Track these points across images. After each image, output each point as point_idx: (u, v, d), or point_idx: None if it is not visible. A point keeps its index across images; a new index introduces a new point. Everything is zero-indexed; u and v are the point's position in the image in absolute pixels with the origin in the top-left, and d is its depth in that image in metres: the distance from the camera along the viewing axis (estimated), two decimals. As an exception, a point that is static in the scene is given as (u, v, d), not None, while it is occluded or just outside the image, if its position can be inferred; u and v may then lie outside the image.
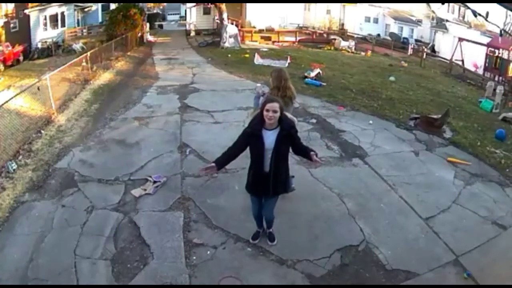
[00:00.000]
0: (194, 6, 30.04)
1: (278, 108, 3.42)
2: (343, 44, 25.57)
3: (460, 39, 20.69)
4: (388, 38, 28.38)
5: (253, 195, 3.95)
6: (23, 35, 22.04)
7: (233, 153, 3.76)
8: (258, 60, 15.95)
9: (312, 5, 31.55)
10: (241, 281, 3.72)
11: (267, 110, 3.41)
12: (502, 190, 5.50)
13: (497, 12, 6.47)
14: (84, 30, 28.34)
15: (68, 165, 5.96)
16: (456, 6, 26.06)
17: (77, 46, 21.84)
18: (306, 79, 11.83)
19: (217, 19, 26.21)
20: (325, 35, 28.91)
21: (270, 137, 3.53)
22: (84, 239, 4.26)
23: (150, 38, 26.18)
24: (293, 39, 26.82)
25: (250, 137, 3.62)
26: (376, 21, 30.67)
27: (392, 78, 13.77)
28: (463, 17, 25.88)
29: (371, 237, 4.33)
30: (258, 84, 5.02)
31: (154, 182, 5.36)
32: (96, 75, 12.51)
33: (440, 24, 26.98)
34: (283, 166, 3.73)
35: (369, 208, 4.88)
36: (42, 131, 7.29)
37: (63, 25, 25.89)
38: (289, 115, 3.83)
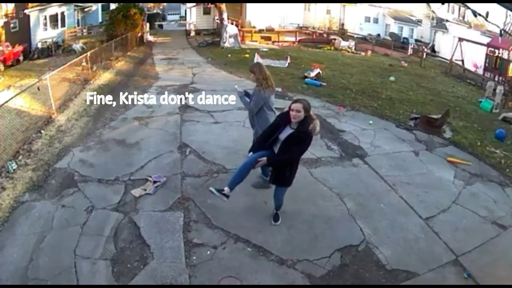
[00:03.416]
0: (194, 6, 30.01)
1: (301, 109, 3.77)
2: (343, 44, 25.54)
3: (460, 39, 20.68)
4: (388, 38, 28.33)
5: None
6: (23, 35, 22.02)
7: (267, 135, 4.09)
8: (258, 60, 15.91)
9: (312, 5, 31.52)
10: (241, 281, 3.72)
11: (292, 110, 3.81)
12: (502, 190, 5.51)
13: (497, 12, 6.47)
14: (84, 30, 28.30)
15: (68, 165, 5.96)
16: (456, 6, 26.04)
17: (77, 46, 21.82)
18: (306, 79, 11.83)
19: (217, 19, 26.21)
20: (325, 35, 28.87)
21: (287, 132, 3.91)
22: (84, 239, 4.26)
23: (150, 38, 26.15)
24: (293, 39, 26.78)
25: (276, 125, 4.02)
26: (376, 21, 30.62)
27: (392, 78, 13.77)
28: (463, 17, 25.85)
29: (371, 237, 4.33)
30: (236, 86, 5.00)
31: (154, 182, 5.36)
32: (96, 75, 12.51)
33: (440, 24, 26.96)
34: (286, 164, 3.99)
35: (369, 208, 4.88)
36: (42, 131, 7.28)
37: (63, 25, 25.87)
38: (316, 122, 3.88)
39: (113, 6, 28.37)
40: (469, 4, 7.68)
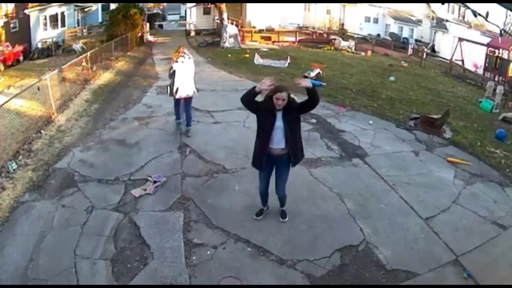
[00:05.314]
0: (194, 6, 30.03)
1: (286, 97, 3.87)
2: (343, 44, 25.54)
3: (460, 39, 20.67)
4: (388, 38, 28.34)
5: (263, 170, 4.28)
6: (23, 35, 22.02)
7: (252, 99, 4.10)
8: (258, 60, 15.95)
9: (312, 5, 31.55)
10: (241, 281, 3.72)
11: (277, 99, 3.88)
12: (502, 190, 5.51)
13: (497, 12, 6.46)
14: (84, 30, 28.34)
15: (68, 165, 5.96)
16: (456, 6, 26.05)
17: (77, 46, 21.81)
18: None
19: (217, 19, 26.21)
20: (325, 35, 28.88)
21: (280, 117, 3.98)
22: (84, 239, 4.26)
23: (150, 38, 26.19)
24: (293, 39, 26.78)
25: (264, 111, 4.02)
26: (376, 21, 30.64)
27: (392, 78, 13.78)
28: (463, 17, 25.87)
29: (371, 237, 4.33)
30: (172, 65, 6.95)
31: (154, 182, 5.36)
32: (96, 75, 12.51)
33: (440, 24, 26.97)
34: (295, 139, 4.10)
35: (369, 208, 4.88)
36: (42, 131, 7.29)
37: (63, 25, 25.89)
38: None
39: (113, 6, 28.41)
40: (469, 4, 7.64)
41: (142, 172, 5.71)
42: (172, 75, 6.73)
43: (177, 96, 6.83)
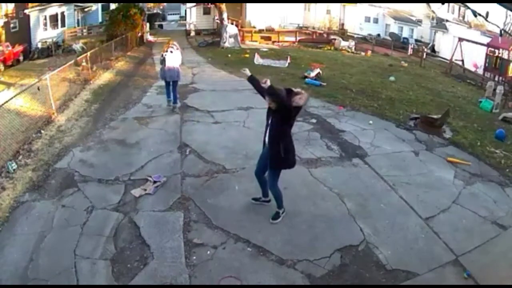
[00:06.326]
0: (194, 6, 30.04)
1: (271, 101, 4.10)
2: (343, 44, 25.54)
3: (460, 39, 20.66)
4: (388, 38, 28.34)
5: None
6: (23, 35, 22.03)
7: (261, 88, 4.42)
8: (258, 60, 15.95)
9: (312, 5, 31.54)
10: (241, 281, 3.72)
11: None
12: (502, 190, 5.51)
13: (497, 12, 6.46)
14: (84, 30, 28.33)
15: (68, 165, 5.96)
16: (456, 6, 26.05)
17: (77, 46, 21.81)
18: (306, 79, 11.84)
19: (217, 19, 26.22)
20: (325, 35, 28.88)
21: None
22: (84, 239, 4.26)
23: (150, 38, 26.19)
24: (293, 39, 26.79)
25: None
26: (376, 21, 30.64)
27: (392, 78, 13.77)
28: (463, 17, 25.86)
29: (371, 237, 4.33)
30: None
31: (154, 182, 5.36)
32: (96, 75, 12.51)
33: (440, 24, 26.97)
34: (275, 141, 4.17)
35: (369, 208, 4.88)
36: (42, 131, 7.28)
37: (63, 25, 25.90)
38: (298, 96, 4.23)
39: (113, 6, 28.43)
40: (469, 4, 7.64)
41: (142, 172, 5.71)
42: (162, 61, 8.28)
43: (167, 79, 8.42)
